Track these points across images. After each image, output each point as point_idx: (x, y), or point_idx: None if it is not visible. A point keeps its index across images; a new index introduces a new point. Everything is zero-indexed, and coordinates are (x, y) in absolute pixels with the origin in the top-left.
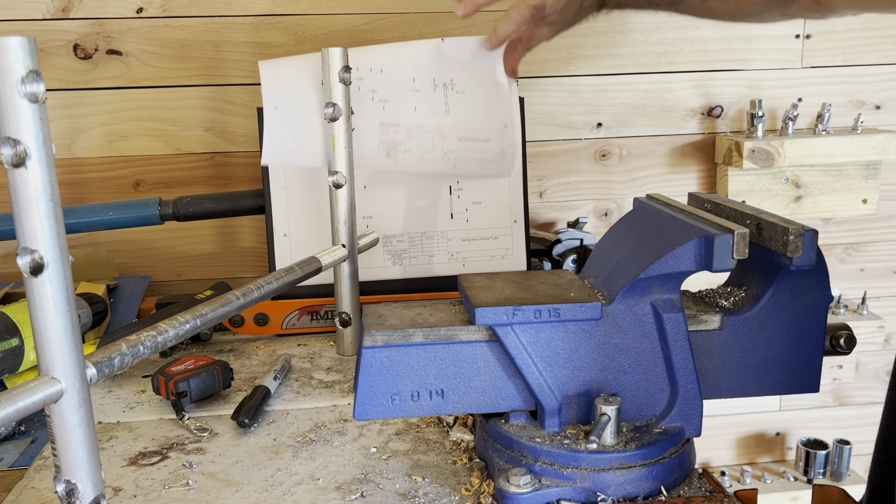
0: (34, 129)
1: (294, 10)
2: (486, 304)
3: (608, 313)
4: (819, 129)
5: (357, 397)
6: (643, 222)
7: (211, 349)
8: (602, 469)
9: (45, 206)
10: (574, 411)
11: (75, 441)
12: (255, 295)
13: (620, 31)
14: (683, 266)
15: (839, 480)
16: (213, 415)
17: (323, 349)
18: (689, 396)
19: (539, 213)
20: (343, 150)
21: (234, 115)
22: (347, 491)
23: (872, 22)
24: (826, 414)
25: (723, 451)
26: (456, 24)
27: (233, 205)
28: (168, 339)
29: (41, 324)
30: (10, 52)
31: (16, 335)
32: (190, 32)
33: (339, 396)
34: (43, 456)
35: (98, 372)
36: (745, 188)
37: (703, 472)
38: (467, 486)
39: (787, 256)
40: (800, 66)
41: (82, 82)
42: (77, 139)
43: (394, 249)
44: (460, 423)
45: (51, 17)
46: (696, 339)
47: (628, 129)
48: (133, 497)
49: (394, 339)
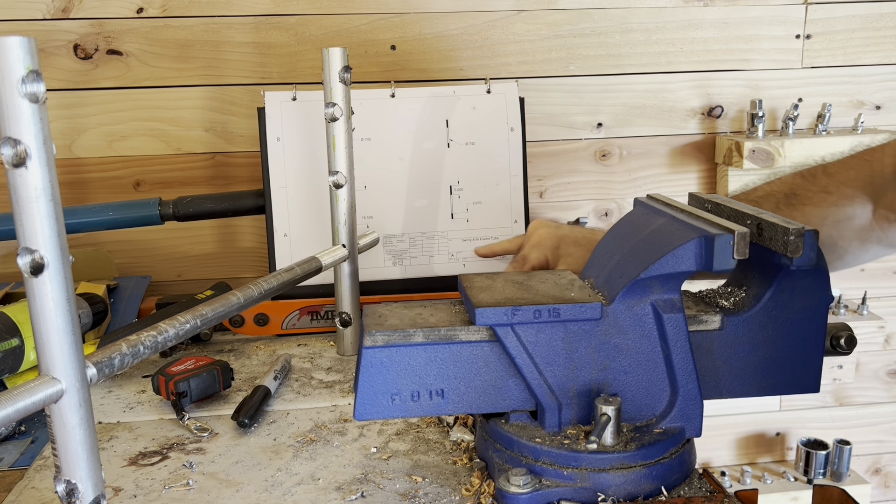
0: (34, 129)
1: (294, 10)
2: (487, 304)
3: (608, 313)
4: (819, 130)
5: (357, 397)
6: (643, 222)
7: (211, 349)
8: (602, 469)
9: (46, 206)
10: (574, 411)
11: (75, 441)
12: (255, 295)
13: (621, 31)
14: (683, 266)
15: (839, 480)
16: (214, 415)
17: (323, 349)
18: (690, 396)
19: (539, 213)
20: (343, 150)
21: (234, 115)
22: (348, 491)
23: (872, 22)
24: (826, 414)
25: (723, 451)
26: (455, 24)
27: (233, 205)
28: (168, 339)
29: (41, 324)
30: (11, 52)
31: (16, 335)
32: (190, 32)
33: (340, 396)
34: (43, 456)
35: (98, 372)
36: (745, 188)
37: (704, 473)
38: (467, 486)
39: (787, 256)
40: (800, 66)
41: (82, 82)
42: (77, 139)
43: (394, 249)
44: (460, 423)
45: (51, 17)
46: (696, 339)
47: (628, 129)
48: (133, 497)
49: (394, 339)
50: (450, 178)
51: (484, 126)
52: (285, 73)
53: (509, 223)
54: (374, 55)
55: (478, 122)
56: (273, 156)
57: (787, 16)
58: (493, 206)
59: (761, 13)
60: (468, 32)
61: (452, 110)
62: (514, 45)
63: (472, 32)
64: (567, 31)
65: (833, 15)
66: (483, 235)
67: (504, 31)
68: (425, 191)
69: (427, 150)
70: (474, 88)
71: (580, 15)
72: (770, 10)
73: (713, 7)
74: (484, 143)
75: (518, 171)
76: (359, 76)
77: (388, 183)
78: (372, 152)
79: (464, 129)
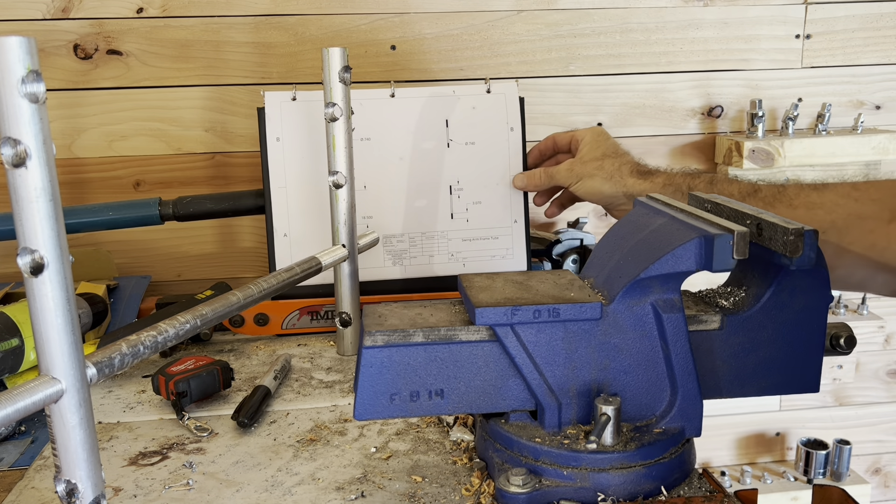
0: (34, 129)
1: (294, 10)
2: (486, 304)
3: (608, 313)
4: (819, 129)
5: (357, 397)
6: (643, 222)
7: (211, 349)
8: (602, 469)
9: (46, 206)
10: (574, 411)
11: (75, 441)
12: (255, 295)
13: (621, 30)
14: (683, 266)
15: (839, 480)
16: (214, 415)
17: (323, 349)
18: (689, 396)
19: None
20: (343, 150)
21: (234, 115)
22: (348, 491)
23: (872, 22)
24: (826, 414)
25: (723, 451)
26: (456, 24)
27: (233, 205)
28: (168, 339)
29: (41, 324)
30: (11, 52)
31: (16, 335)
32: (190, 32)
33: (339, 396)
34: (43, 456)
35: (98, 372)
36: None
37: (704, 472)
38: (467, 486)
39: (787, 256)
40: (800, 66)
41: (82, 82)
42: (77, 139)
43: (394, 249)
44: (460, 423)
45: (51, 17)
46: (696, 339)
47: (628, 129)
48: (133, 497)
49: (394, 339)
50: (449, 178)
51: (484, 126)
52: (285, 73)
53: (509, 223)
54: (374, 55)
55: (478, 122)
56: (273, 156)
57: (786, 16)
58: (493, 206)
59: (761, 13)
60: (468, 32)
61: (452, 110)
62: (514, 45)
63: (472, 32)
64: (567, 31)
65: (833, 15)
66: (483, 235)
67: (504, 31)
68: (425, 191)
69: (427, 149)
70: (474, 88)
71: (580, 15)
72: (770, 10)
73: (713, 7)
74: (484, 142)
75: (518, 171)
76: (359, 76)
77: (388, 183)
78: (372, 152)
79: (464, 129)
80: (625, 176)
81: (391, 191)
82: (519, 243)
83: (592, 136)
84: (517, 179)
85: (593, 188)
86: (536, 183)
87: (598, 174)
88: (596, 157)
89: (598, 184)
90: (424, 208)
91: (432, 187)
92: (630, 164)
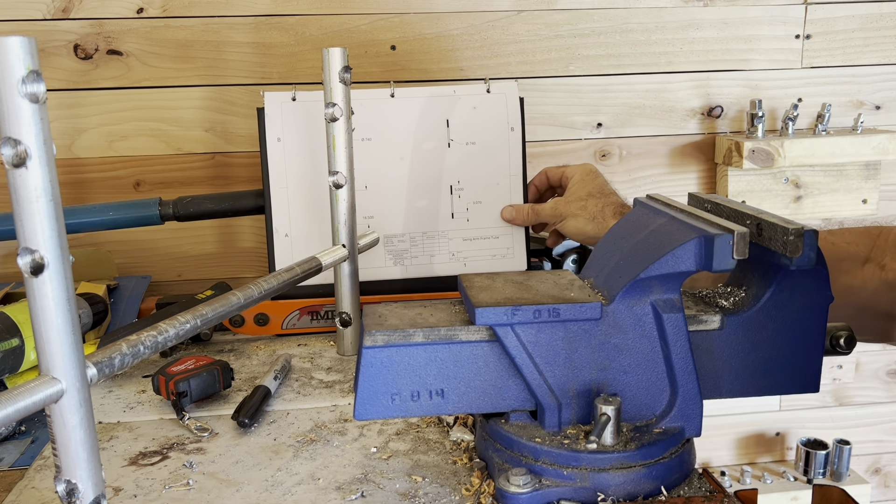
0: (34, 129)
1: (294, 10)
2: (486, 304)
3: (608, 313)
4: (819, 130)
5: (357, 397)
6: (643, 222)
7: (211, 349)
8: (602, 469)
9: (46, 206)
10: (574, 411)
11: (75, 441)
12: (255, 295)
13: (620, 31)
14: (683, 266)
15: (839, 480)
16: (214, 415)
17: (323, 349)
18: (689, 396)
19: None
20: (343, 151)
21: (234, 115)
22: (348, 491)
23: (872, 22)
24: (826, 414)
25: (723, 451)
26: (455, 24)
27: (233, 205)
28: (168, 339)
29: (41, 324)
30: (11, 52)
31: (16, 335)
32: (190, 32)
33: (340, 396)
34: (43, 456)
35: (98, 372)
36: (745, 188)
37: (704, 472)
38: (467, 486)
39: (787, 256)
40: (800, 66)
41: (82, 82)
42: (77, 139)
43: (394, 249)
44: (460, 423)
45: (51, 17)
46: (696, 339)
47: (628, 129)
48: (133, 497)
49: (394, 339)
50: (450, 178)
51: (484, 126)
52: (285, 73)
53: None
54: (374, 55)
55: (478, 122)
56: (273, 156)
57: (786, 16)
58: (493, 206)
59: (761, 13)
60: (468, 32)
61: (452, 110)
62: (514, 45)
63: (472, 32)
64: (567, 32)
65: (833, 15)
66: (483, 235)
67: (504, 31)
68: (425, 191)
69: (427, 149)
70: (474, 88)
71: (580, 15)
72: (770, 10)
73: (713, 7)
74: (484, 142)
75: (518, 171)
76: (359, 76)
77: (389, 183)
78: (372, 152)
79: (464, 129)
80: (607, 217)
81: (392, 191)
82: (519, 243)
83: (581, 175)
84: (505, 211)
85: (576, 228)
86: (523, 218)
87: (581, 214)
88: (581, 197)
89: (582, 224)
90: (425, 208)
91: (433, 187)
92: (614, 205)
